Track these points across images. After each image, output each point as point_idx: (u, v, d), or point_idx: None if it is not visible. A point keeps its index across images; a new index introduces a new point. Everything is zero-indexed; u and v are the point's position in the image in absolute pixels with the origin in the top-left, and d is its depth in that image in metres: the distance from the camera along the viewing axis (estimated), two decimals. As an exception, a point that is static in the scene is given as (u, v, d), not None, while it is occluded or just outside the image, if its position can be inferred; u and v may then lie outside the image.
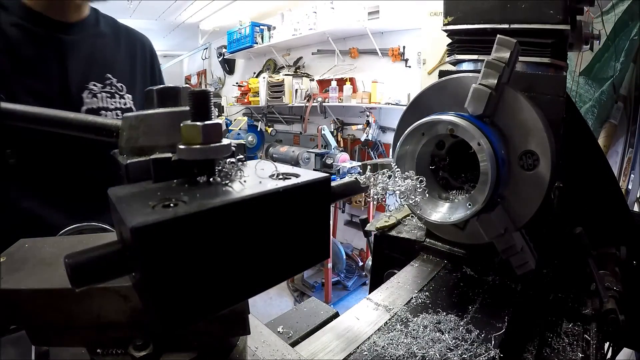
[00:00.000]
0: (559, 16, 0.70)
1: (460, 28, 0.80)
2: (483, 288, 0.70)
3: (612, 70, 2.25)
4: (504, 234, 0.63)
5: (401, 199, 0.48)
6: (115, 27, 1.02)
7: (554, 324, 0.70)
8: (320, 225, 0.34)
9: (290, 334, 0.63)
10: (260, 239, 0.29)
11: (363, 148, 4.27)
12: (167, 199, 0.26)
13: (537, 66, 0.74)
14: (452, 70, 0.85)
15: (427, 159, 0.71)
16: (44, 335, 0.35)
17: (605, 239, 0.83)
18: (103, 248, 0.25)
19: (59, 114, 0.40)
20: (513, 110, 0.64)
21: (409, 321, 0.59)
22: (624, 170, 2.40)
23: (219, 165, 0.32)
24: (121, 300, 0.33)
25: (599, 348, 0.64)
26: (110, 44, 0.99)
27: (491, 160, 0.59)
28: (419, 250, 0.85)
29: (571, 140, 0.75)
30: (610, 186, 0.85)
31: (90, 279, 0.24)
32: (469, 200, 0.63)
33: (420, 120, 0.65)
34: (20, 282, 0.33)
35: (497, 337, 0.55)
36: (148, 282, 0.24)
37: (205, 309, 0.28)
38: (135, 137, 0.33)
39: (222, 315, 0.36)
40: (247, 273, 0.29)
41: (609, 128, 2.39)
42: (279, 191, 0.30)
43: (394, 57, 3.98)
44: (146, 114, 0.34)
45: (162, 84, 0.39)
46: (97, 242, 0.26)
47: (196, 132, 0.29)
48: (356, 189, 0.40)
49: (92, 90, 0.92)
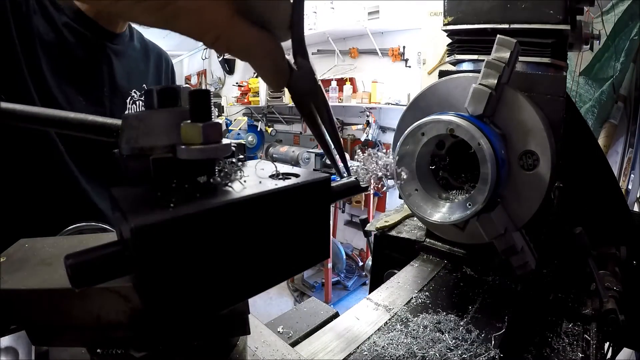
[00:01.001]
0: (559, 16, 0.70)
1: (460, 28, 0.80)
2: (483, 288, 0.70)
3: (612, 70, 2.25)
4: (504, 234, 0.63)
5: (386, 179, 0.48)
6: (144, 42, 1.07)
7: (554, 324, 0.70)
8: (320, 226, 0.34)
9: (290, 334, 0.63)
10: (260, 239, 0.29)
11: (363, 148, 4.27)
12: (167, 199, 0.26)
13: (537, 66, 0.74)
14: (452, 70, 0.85)
15: (427, 159, 0.71)
16: (44, 335, 0.35)
17: (605, 239, 0.83)
18: (103, 248, 0.25)
19: (59, 114, 0.40)
20: (513, 110, 0.64)
21: (409, 321, 0.59)
22: (624, 170, 2.40)
23: (219, 165, 0.32)
24: (121, 300, 0.33)
25: (599, 348, 0.64)
26: (142, 58, 1.04)
27: (491, 160, 0.59)
28: (419, 250, 0.85)
29: (571, 140, 0.75)
30: (610, 186, 0.85)
31: (90, 280, 0.24)
32: (469, 200, 0.63)
33: (420, 120, 0.65)
34: (20, 282, 0.33)
35: (497, 337, 0.55)
36: (148, 282, 0.24)
37: (205, 309, 0.28)
38: (135, 137, 0.33)
39: (222, 315, 0.36)
40: (247, 273, 0.29)
41: (609, 128, 2.39)
42: (279, 191, 0.30)
43: (394, 57, 3.98)
44: (146, 114, 0.34)
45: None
46: (97, 242, 0.26)
47: (196, 132, 0.29)
48: (356, 189, 0.40)
49: (133, 97, 0.97)
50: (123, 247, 0.25)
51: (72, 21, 0.84)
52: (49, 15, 0.80)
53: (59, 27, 0.81)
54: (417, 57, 3.68)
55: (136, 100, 0.98)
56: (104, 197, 0.88)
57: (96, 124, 0.40)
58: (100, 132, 0.40)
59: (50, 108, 0.40)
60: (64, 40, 0.82)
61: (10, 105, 0.39)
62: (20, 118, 0.39)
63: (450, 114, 0.63)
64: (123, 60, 0.95)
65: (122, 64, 0.95)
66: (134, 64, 1.00)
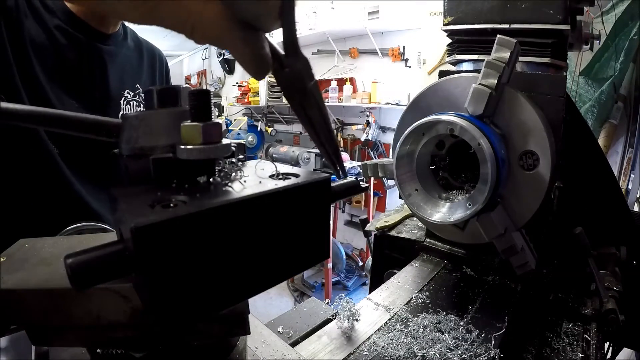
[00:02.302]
0: (559, 16, 0.70)
1: (460, 28, 0.80)
2: (483, 288, 0.70)
3: (612, 70, 2.25)
4: (504, 234, 0.63)
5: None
6: (137, 41, 1.06)
7: (554, 324, 0.70)
8: (320, 226, 0.34)
9: (290, 334, 0.63)
10: (260, 239, 0.29)
11: (363, 148, 4.27)
12: (167, 199, 0.26)
13: (537, 66, 0.74)
14: (452, 70, 0.85)
15: (427, 159, 0.71)
16: (44, 335, 0.35)
17: (605, 239, 0.83)
18: (103, 248, 0.25)
19: (59, 114, 0.40)
20: (513, 110, 0.64)
21: (409, 321, 0.59)
22: (624, 170, 2.40)
23: (219, 165, 0.32)
24: (121, 300, 0.33)
25: (599, 348, 0.64)
26: (136, 57, 1.03)
27: (491, 160, 0.59)
28: (419, 250, 0.85)
29: (571, 140, 0.75)
30: (610, 186, 0.85)
31: (90, 280, 0.24)
32: (469, 200, 0.63)
33: (420, 120, 0.65)
34: (20, 282, 0.33)
35: (497, 337, 0.55)
36: (148, 282, 0.24)
37: (205, 309, 0.28)
38: (135, 137, 0.33)
39: (222, 315, 0.36)
40: (247, 273, 0.29)
41: (609, 128, 2.39)
42: (279, 191, 0.30)
43: (394, 57, 3.98)
44: (146, 114, 0.34)
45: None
46: (97, 242, 0.26)
47: (196, 132, 0.29)
48: (356, 189, 0.40)
49: (126, 97, 0.96)
50: (123, 247, 0.25)
51: (64, 23, 0.83)
52: (40, 17, 0.80)
53: (51, 29, 0.81)
54: (417, 57, 3.68)
55: (130, 101, 0.97)
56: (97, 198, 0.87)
57: (96, 123, 0.40)
58: (101, 132, 0.40)
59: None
60: (55, 42, 0.81)
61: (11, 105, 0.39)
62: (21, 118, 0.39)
63: (450, 114, 0.63)
64: (116, 61, 0.94)
65: (115, 64, 0.94)
66: (127, 64, 0.99)
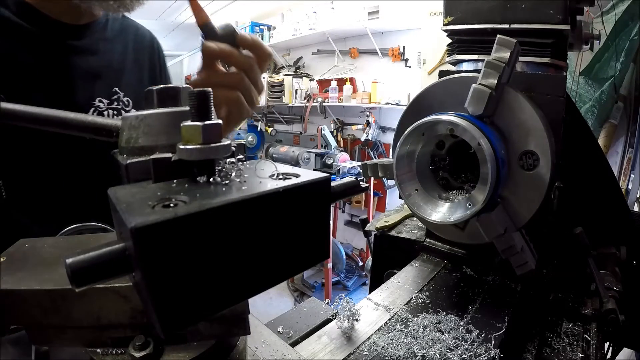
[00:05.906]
0: (559, 16, 0.70)
1: (460, 28, 0.80)
2: (483, 288, 0.70)
3: (612, 70, 2.25)
4: (504, 234, 0.63)
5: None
6: (123, 28, 0.89)
7: (554, 324, 0.70)
8: (320, 226, 0.34)
9: (290, 334, 0.63)
10: (260, 239, 0.29)
11: (363, 148, 4.27)
12: (167, 199, 0.26)
13: (537, 66, 0.74)
14: (452, 70, 0.85)
15: (427, 159, 0.71)
16: (44, 335, 0.35)
17: (605, 239, 0.83)
18: (103, 248, 0.25)
19: (58, 114, 0.40)
20: (513, 110, 0.64)
21: (409, 321, 0.59)
22: (624, 170, 2.40)
23: (219, 165, 0.32)
24: (121, 300, 0.33)
25: (599, 348, 0.64)
26: (118, 51, 0.86)
27: (491, 160, 0.59)
28: (419, 250, 0.85)
29: (571, 140, 0.75)
30: (610, 186, 0.85)
31: (90, 280, 0.24)
32: (469, 200, 0.63)
33: (420, 120, 0.65)
34: (20, 282, 0.33)
35: (497, 337, 0.55)
36: (148, 283, 0.24)
37: (205, 309, 0.28)
38: (135, 137, 0.33)
39: (222, 315, 0.36)
40: (247, 273, 0.29)
41: (609, 128, 2.39)
42: (279, 191, 0.30)
43: (394, 57, 3.98)
44: (146, 114, 0.34)
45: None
46: (97, 242, 0.26)
47: (196, 132, 0.29)
48: (356, 189, 0.40)
49: (98, 107, 0.80)
50: (123, 247, 0.25)
51: (15, 15, 0.66)
52: None
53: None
54: (417, 57, 3.68)
55: (103, 111, 0.79)
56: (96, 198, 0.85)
57: (96, 124, 0.40)
58: (100, 132, 0.40)
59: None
60: (5, 43, 0.66)
61: (10, 105, 0.39)
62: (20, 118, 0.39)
63: (450, 114, 0.63)
64: (89, 61, 0.78)
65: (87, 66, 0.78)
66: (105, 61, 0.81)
